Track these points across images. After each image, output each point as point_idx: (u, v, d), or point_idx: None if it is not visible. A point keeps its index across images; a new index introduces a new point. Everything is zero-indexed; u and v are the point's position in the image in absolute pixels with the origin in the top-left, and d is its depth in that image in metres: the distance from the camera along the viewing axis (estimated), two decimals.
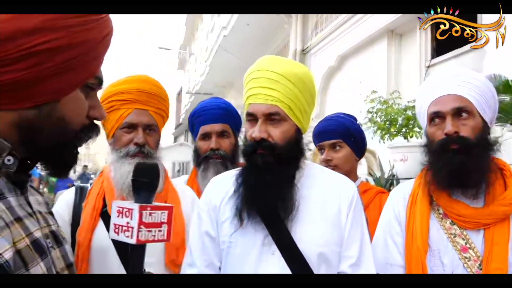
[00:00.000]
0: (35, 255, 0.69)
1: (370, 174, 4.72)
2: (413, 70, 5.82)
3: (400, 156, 4.18)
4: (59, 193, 2.52)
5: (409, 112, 4.09)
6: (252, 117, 1.35)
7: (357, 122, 2.32)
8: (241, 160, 2.30)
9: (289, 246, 1.30)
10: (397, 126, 4.10)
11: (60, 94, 0.75)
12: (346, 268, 1.34)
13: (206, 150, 2.03)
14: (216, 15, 13.80)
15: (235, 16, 10.45)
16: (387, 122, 4.12)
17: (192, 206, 1.66)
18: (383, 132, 4.17)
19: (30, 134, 0.74)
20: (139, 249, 0.84)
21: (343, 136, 2.07)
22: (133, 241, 0.82)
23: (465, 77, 1.49)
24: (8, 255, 0.62)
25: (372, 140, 4.49)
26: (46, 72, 0.72)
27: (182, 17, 23.26)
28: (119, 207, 0.87)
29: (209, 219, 1.41)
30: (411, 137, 4.11)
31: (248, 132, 1.38)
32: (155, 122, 1.57)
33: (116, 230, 0.86)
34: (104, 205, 1.49)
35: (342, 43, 7.48)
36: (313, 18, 8.80)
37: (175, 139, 30.21)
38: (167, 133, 30.68)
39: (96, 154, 52.63)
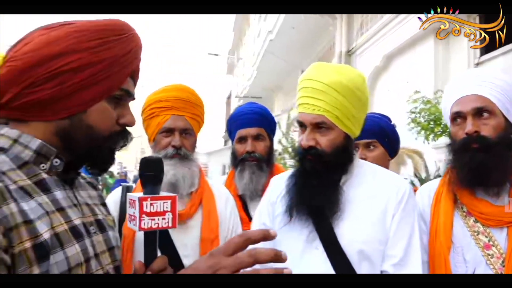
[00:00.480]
0: (71, 238, 0.83)
1: (415, 175, 4.65)
2: (462, 68, 5.65)
3: (445, 156, 4.11)
4: None
5: None
6: (300, 125, 1.44)
7: (392, 122, 2.35)
8: (276, 162, 2.42)
9: (331, 242, 1.38)
10: (441, 126, 4.03)
11: (86, 106, 0.88)
12: (388, 267, 1.36)
13: (242, 152, 2.14)
14: (262, 20, 13.97)
15: (281, 20, 10.57)
16: (431, 122, 4.05)
17: (226, 204, 1.79)
18: (427, 133, 4.11)
19: (68, 140, 0.88)
20: (150, 235, 0.94)
21: (378, 136, 2.09)
22: (136, 228, 0.91)
23: (487, 77, 1.51)
24: (47, 235, 0.77)
25: (416, 141, 4.44)
26: (70, 88, 0.86)
27: (230, 23, 23.72)
28: (129, 198, 0.96)
29: (267, 212, 1.56)
30: None
31: (299, 138, 1.48)
32: (190, 127, 1.71)
33: (129, 219, 0.96)
34: None
35: (388, 42, 7.38)
36: (358, 18, 8.74)
37: (225, 142, 30.71)
38: (217, 137, 31.27)
39: None
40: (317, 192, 1.40)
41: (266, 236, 0.76)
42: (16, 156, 0.83)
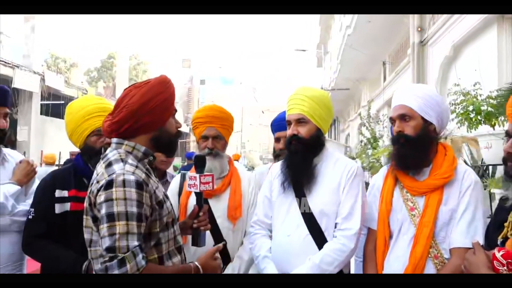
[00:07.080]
0: (165, 199, 1.63)
1: (464, 161, 5.00)
2: None
3: (484, 144, 4.43)
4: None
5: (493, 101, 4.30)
6: (288, 123, 2.24)
7: None
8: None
9: (304, 204, 2.17)
10: (481, 115, 4.35)
11: (166, 121, 1.63)
12: (339, 220, 2.11)
13: (278, 149, 2.96)
14: (342, 15, 14.31)
15: (357, 14, 10.91)
16: (469, 112, 4.39)
17: (249, 184, 2.64)
18: (467, 122, 4.45)
19: (158, 142, 1.63)
20: (200, 195, 1.92)
21: None
22: (197, 190, 1.89)
23: (412, 90, 2.11)
24: (161, 197, 1.57)
25: (459, 130, 4.78)
26: (159, 113, 1.58)
27: (317, 17, 24.17)
28: (190, 175, 1.94)
29: (268, 188, 2.34)
30: (494, 125, 4.31)
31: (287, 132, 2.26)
32: (220, 134, 2.58)
33: (189, 186, 1.94)
34: None
35: (456, 32, 7.47)
36: None
37: None
38: None
39: (252, 151, 57.74)
40: (298, 168, 2.17)
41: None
42: (135, 155, 1.58)
